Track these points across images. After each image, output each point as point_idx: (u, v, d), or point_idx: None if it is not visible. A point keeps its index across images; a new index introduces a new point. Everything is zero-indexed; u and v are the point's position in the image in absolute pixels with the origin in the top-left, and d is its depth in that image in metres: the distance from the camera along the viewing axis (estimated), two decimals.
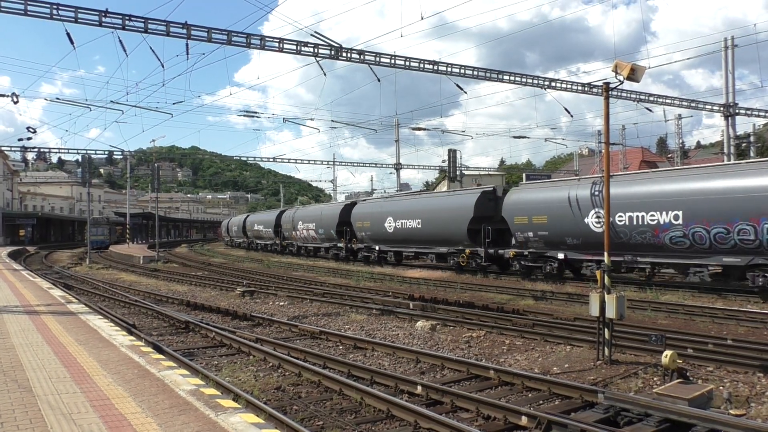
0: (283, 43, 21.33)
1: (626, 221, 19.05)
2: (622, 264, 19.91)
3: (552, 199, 21.77)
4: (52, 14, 18.03)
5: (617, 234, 19.21)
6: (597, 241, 19.61)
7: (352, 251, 35.07)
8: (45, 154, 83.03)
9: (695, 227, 17.42)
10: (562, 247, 21.51)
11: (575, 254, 21.12)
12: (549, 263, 22.07)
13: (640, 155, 67.24)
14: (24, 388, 6.50)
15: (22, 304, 14.23)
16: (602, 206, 18.52)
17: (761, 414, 7.06)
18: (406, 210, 29.83)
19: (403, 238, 29.79)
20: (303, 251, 42.53)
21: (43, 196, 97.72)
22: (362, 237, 33.40)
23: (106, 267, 36.07)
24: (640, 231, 18.77)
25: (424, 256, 29.37)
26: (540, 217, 21.90)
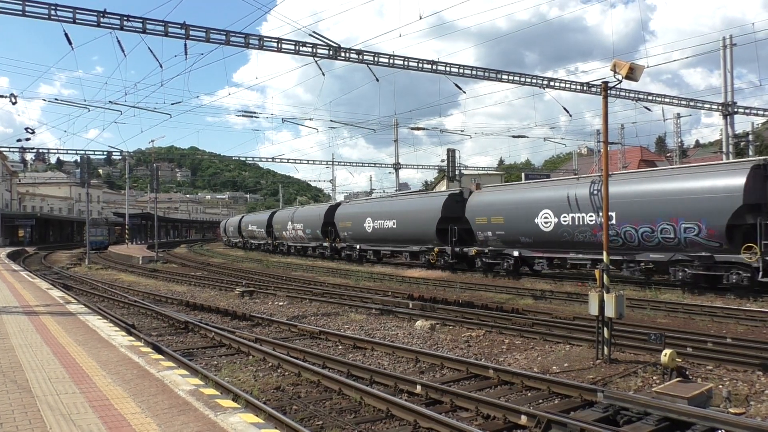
0: (282, 43, 21.32)
1: (569, 221, 20.80)
2: (567, 261, 21.91)
3: (508, 201, 23.82)
4: (50, 15, 18.00)
5: (563, 233, 21.08)
6: (546, 240, 21.85)
7: (336, 250, 36.88)
8: (44, 154, 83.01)
9: (626, 227, 19.03)
10: (517, 245, 23.23)
11: (528, 252, 22.91)
12: (506, 260, 23.80)
13: (639, 154, 67.28)
14: (23, 388, 6.49)
15: (21, 305, 14.21)
16: (549, 207, 21.65)
17: (761, 412, 7.06)
18: (383, 211, 31.67)
19: (380, 237, 31.57)
20: (293, 250, 44.27)
21: (41, 196, 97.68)
22: (345, 236, 35.01)
23: (105, 267, 36.05)
24: (581, 230, 20.41)
25: (399, 254, 31.16)
26: (497, 217, 23.72)
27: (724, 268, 17.05)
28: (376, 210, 32.40)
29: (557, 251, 21.91)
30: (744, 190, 16.49)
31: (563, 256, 21.62)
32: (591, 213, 20.11)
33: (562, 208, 20.96)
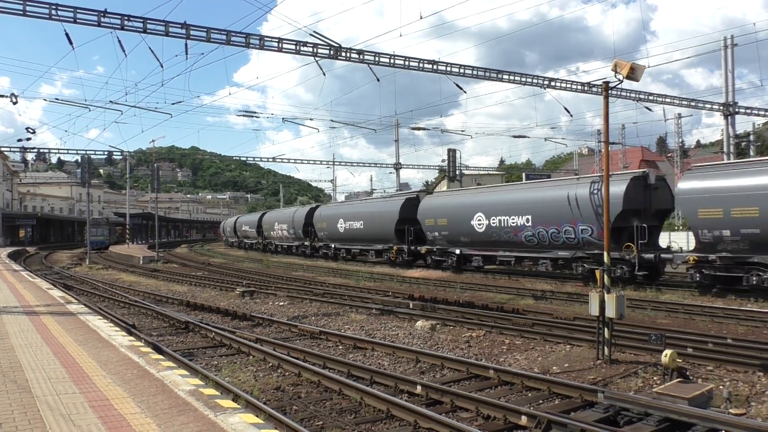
0: (282, 42, 21.32)
1: (497, 223, 23.78)
2: (496, 258, 24.59)
3: (451, 204, 26.78)
4: (50, 14, 18.01)
5: (492, 233, 23.96)
6: (480, 239, 24.82)
7: (315, 249, 39.68)
8: (44, 154, 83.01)
9: (539, 228, 21.94)
10: (458, 244, 26.23)
11: (467, 250, 25.88)
12: (450, 257, 26.73)
13: (639, 154, 67.28)
14: (23, 388, 6.49)
15: (21, 305, 14.22)
16: (481, 211, 24.49)
17: (761, 413, 7.05)
18: (352, 213, 34.75)
19: (351, 237, 34.64)
20: (279, 249, 47.18)
21: (42, 196, 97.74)
22: (322, 236, 38.06)
23: (105, 267, 36.06)
24: (505, 231, 23.38)
25: (366, 252, 34.05)
26: (442, 219, 26.78)
27: (613, 263, 17.96)
28: (348, 212, 35.33)
29: (489, 249, 24.81)
30: (624, 197, 19.07)
31: (493, 253, 24.53)
32: (514, 216, 23.01)
33: (492, 211, 24.00)
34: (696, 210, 17.63)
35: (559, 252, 21.47)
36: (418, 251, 28.99)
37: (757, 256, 16.46)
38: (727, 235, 16.91)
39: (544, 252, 22.05)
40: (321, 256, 38.62)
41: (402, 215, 29.71)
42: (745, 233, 16.51)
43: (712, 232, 17.18)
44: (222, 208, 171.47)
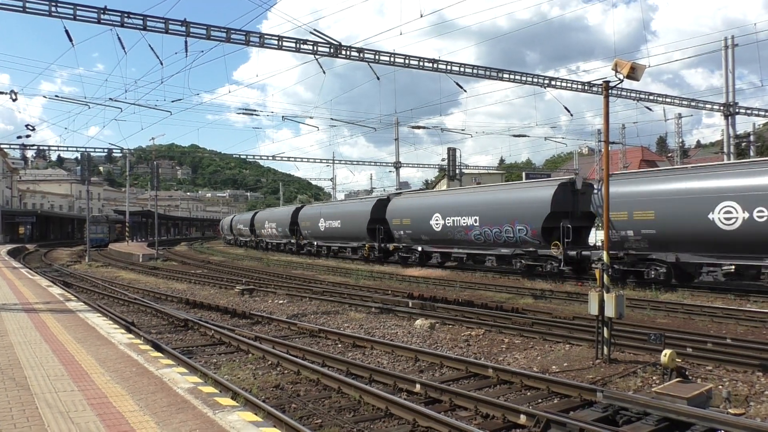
0: (282, 40, 21.28)
1: (451, 223, 26.13)
2: (451, 255, 27.25)
3: (413, 205, 29.33)
4: (50, 11, 17.97)
5: (447, 232, 26.45)
6: (438, 238, 27.17)
7: (300, 246, 42.37)
8: (44, 151, 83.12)
9: (485, 228, 24.42)
10: (420, 242, 28.68)
11: (428, 247, 28.32)
12: (414, 254, 29.41)
13: (640, 154, 67.24)
14: (21, 386, 6.48)
15: (20, 302, 14.21)
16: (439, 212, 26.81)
17: (760, 413, 7.05)
18: (331, 213, 37.47)
19: (330, 235, 37.39)
20: (269, 246, 49.84)
21: (42, 193, 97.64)
22: (305, 234, 40.87)
23: (105, 265, 36.05)
24: (458, 230, 25.80)
25: (344, 249, 36.21)
26: (406, 219, 29.28)
27: (544, 259, 22.28)
28: (327, 212, 38.09)
29: (445, 247, 27.28)
30: (552, 201, 21.66)
31: (449, 250, 27.11)
32: (465, 216, 25.36)
33: (447, 212, 26.43)
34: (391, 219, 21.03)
35: (501, 249, 24.12)
36: (387, 248, 31.41)
37: (655, 254, 18.86)
38: (631, 235, 19.19)
39: (489, 249, 24.70)
40: (305, 253, 41.41)
41: (373, 215, 32.12)
42: (644, 233, 18.80)
43: (619, 232, 19.32)
44: (221, 206, 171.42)
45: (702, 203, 17.23)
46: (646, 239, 18.76)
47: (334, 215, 36.78)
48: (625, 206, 19.01)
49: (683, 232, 17.81)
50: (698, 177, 18.06)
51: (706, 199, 17.16)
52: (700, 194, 17.37)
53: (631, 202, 18.98)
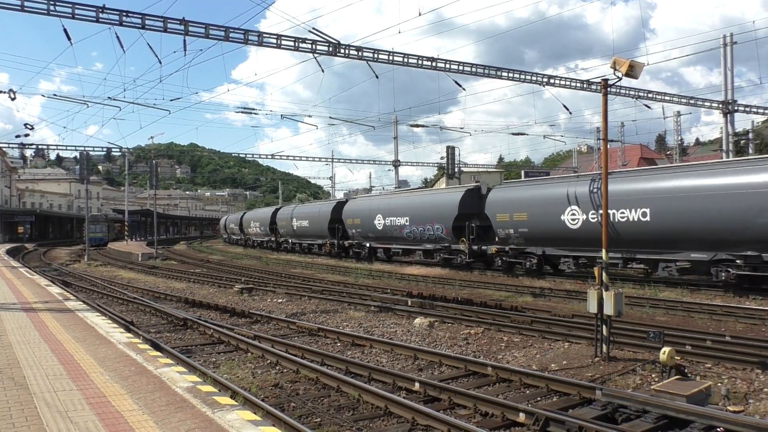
0: (281, 39, 21.24)
1: (389, 223, 30.89)
2: (391, 250, 32.45)
3: (363, 207, 33.84)
4: (49, 10, 17.92)
5: (387, 230, 31.19)
6: (380, 235, 31.66)
7: (278, 243, 46.84)
8: (43, 150, 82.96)
9: (414, 227, 29.05)
10: (369, 239, 33.32)
11: (375, 243, 32.98)
12: (364, 249, 33.82)
13: (639, 152, 67.21)
14: (20, 385, 6.48)
15: (19, 302, 14.20)
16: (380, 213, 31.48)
17: (759, 410, 7.06)
18: (301, 214, 42.23)
19: (301, 233, 42.16)
20: (255, 243, 54.14)
21: (41, 193, 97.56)
22: (282, 233, 45.33)
23: (104, 264, 36.03)
24: (395, 228, 30.45)
25: (313, 245, 40.54)
26: (357, 219, 33.81)
27: (456, 253, 26.52)
28: (298, 213, 42.80)
29: (386, 243, 32.11)
30: (459, 204, 25.99)
31: (389, 246, 32.15)
32: (399, 217, 30.13)
33: (387, 213, 31.14)
34: (495, 214, 23.82)
35: (426, 245, 28.79)
36: (344, 245, 35.73)
37: (529, 248, 22.81)
38: (512, 233, 23.12)
39: (418, 244, 29.48)
40: (283, 249, 46.14)
41: (333, 216, 36.60)
42: (521, 231, 22.71)
43: (504, 230, 23.38)
44: (221, 205, 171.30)
45: (557, 207, 21.01)
46: (522, 236, 22.73)
47: (303, 216, 41.48)
48: (508, 209, 23.16)
49: (546, 231, 21.66)
50: (555, 185, 22.21)
51: (560, 204, 20.92)
52: (556, 200, 21.16)
53: (512, 205, 23.11)
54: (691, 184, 17.48)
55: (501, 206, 23.68)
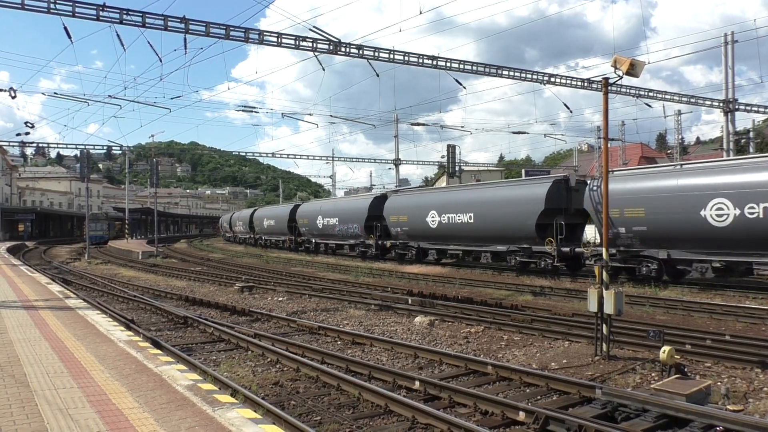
0: (282, 37, 21.24)
1: (326, 223, 37.66)
2: (327, 246, 38.86)
3: (312, 210, 39.51)
4: (49, 8, 17.92)
5: (326, 228, 37.65)
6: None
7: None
8: (43, 149, 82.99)
9: (342, 226, 35.62)
10: (314, 236, 39.02)
11: (319, 239, 38.41)
12: (310, 244, 39.72)
13: (639, 151, 67.21)
14: (21, 383, 6.48)
15: (20, 299, 14.21)
16: (321, 214, 38.23)
17: (759, 409, 7.06)
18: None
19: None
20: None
21: (41, 191, 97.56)
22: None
23: (104, 262, 36.05)
24: (330, 227, 37.19)
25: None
26: (305, 219, 39.24)
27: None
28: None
29: (327, 239, 38.64)
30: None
31: (327, 241, 38.64)
32: (333, 218, 36.84)
33: (327, 214, 37.64)
34: (389, 216, 22.25)
35: (350, 240, 35.17)
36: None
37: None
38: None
39: (345, 240, 35.80)
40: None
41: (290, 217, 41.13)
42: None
43: (395, 228, 21.41)
44: (221, 203, 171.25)
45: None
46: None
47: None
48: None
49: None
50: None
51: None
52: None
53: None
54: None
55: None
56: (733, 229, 16.62)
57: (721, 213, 16.90)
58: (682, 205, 17.77)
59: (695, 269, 18.04)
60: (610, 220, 18.65)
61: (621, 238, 19.43)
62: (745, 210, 16.31)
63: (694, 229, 17.58)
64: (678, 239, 18.14)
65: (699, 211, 17.32)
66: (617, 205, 19.13)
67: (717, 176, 17.40)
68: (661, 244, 18.63)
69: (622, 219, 19.19)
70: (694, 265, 18.16)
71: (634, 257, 19.45)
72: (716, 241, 17.18)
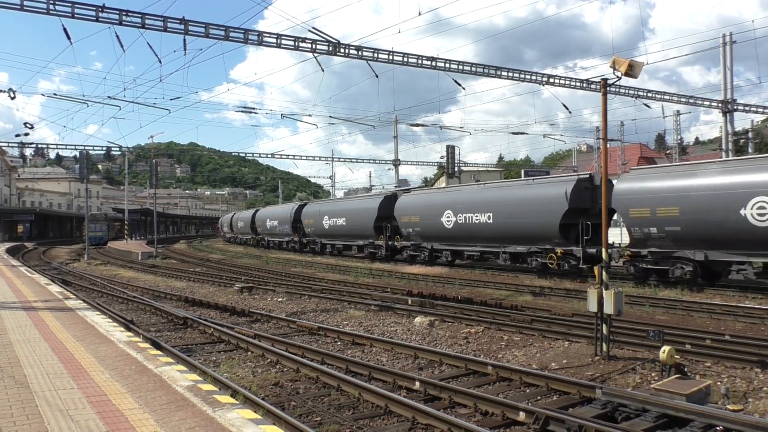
0: (281, 38, 21.24)
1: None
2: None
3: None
4: (48, 9, 17.92)
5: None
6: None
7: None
8: (43, 150, 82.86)
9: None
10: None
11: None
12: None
13: (638, 151, 67.26)
14: (21, 384, 6.48)
15: (19, 300, 14.20)
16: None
17: (759, 409, 7.07)
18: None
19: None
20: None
21: (41, 192, 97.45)
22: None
23: (104, 263, 36.02)
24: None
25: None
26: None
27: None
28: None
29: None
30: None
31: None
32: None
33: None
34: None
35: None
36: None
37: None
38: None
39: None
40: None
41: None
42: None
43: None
44: (220, 204, 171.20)
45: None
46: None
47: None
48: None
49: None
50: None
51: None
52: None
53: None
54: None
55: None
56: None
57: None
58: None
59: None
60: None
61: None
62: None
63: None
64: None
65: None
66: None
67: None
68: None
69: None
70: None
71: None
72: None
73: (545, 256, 22.15)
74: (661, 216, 18.17)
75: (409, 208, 29.89)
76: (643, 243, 18.99)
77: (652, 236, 18.64)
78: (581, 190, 21.42)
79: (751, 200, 16.27)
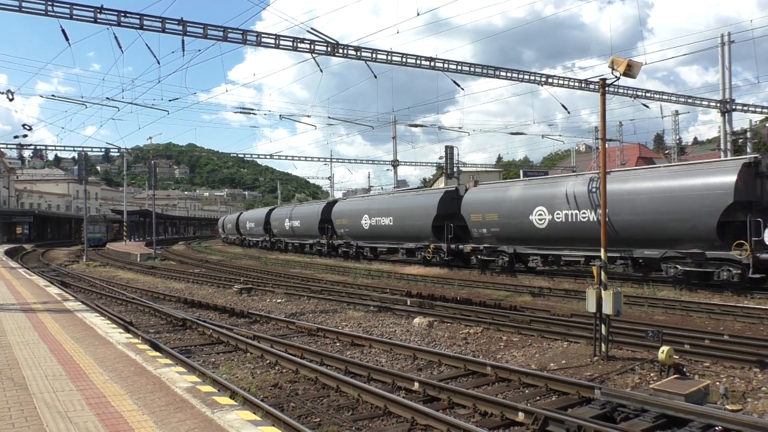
0: (280, 39, 21.24)
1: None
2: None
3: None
4: (47, 10, 17.91)
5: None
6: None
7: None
8: (41, 151, 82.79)
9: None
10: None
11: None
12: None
13: (637, 151, 67.31)
14: (20, 386, 6.48)
15: (18, 302, 14.19)
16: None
17: (757, 409, 7.08)
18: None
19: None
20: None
21: (39, 193, 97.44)
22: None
23: (103, 265, 35.98)
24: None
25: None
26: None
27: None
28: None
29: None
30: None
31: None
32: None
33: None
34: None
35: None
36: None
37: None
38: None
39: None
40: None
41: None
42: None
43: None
44: (219, 205, 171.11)
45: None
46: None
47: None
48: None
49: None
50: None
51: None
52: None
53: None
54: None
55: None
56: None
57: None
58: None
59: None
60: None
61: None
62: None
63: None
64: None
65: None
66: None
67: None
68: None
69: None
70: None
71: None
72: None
73: (426, 251, 27.92)
74: (489, 220, 23.86)
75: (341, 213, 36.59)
76: (480, 240, 24.68)
77: (484, 235, 24.32)
78: (449, 200, 26.82)
79: (535, 209, 21.39)
